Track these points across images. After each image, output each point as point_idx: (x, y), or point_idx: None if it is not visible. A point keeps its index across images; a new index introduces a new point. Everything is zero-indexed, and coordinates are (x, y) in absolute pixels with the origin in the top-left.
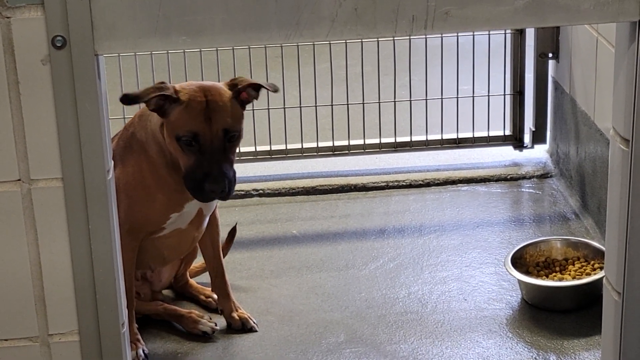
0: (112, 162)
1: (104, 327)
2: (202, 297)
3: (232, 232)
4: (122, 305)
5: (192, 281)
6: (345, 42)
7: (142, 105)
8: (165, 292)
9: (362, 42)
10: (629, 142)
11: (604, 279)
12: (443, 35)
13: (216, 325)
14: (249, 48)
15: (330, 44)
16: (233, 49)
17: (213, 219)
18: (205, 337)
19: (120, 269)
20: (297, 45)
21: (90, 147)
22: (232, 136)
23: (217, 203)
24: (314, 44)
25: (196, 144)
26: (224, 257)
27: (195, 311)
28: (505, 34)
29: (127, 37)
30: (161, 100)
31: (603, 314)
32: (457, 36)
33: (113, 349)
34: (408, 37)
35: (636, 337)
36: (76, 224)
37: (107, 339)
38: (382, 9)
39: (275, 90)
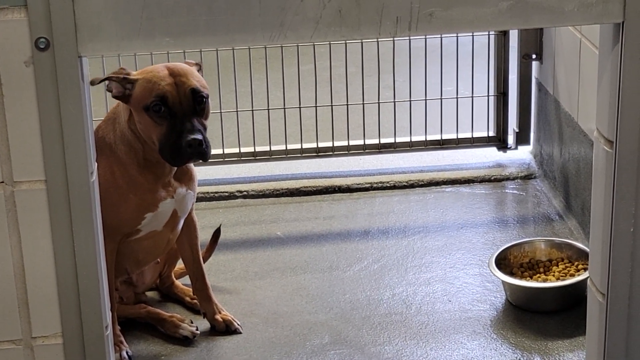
0: (96, 164)
1: (87, 330)
2: (188, 298)
3: (217, 234)
4: (106, 307)
5: (178, 283)
6: (329, 44)
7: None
8: (152, 294)
9: (346, 43)
10: (613, 143)
11: (588, 280)
12: (427, 36)
13: (197, 329)
14: (233, 50)
15: (314, 45)
16: (217, 50)
17: (190, 221)
18: (188, 341)
19: (104, 271)
20: (281, 47)
21: (74, 149)
22: (201, 98)
23: (193, 204)
24: (297, 46)
25: (165, 108)
26: (208, 258)
27: (177, 315)
28: (488, 35)
29: (111, 38)
30: (121, 87)
31: (587, 315)
32: (441, 37)
33: (96, 352)
34: (392, 39)
35: (620, 338)
36: (59, 226)
37: (91, 341)
38: (366, 10)
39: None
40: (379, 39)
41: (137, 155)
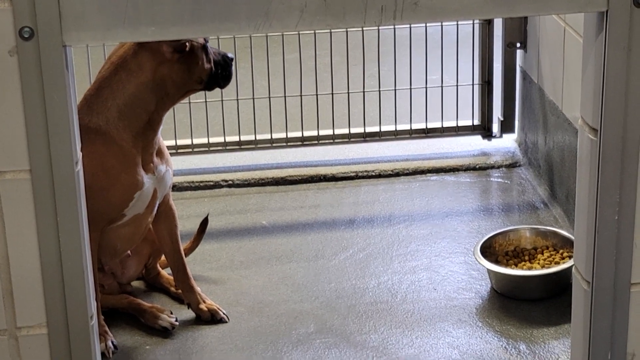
0: (81, 153)
1: (72, 320)
2: (173, 289)
3: (204, 224)
4: (91, 297)
5: (164, 273)
6: (314, 33)
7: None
8: (138, 283)
9: (330, 32)
10: (597, 131)
11: (573, 268)
12: (412, 25)
13: (176, 320)
14: (218, 38)
15: (299, 34)
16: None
17: (169, 211)
18: (168, 332)
19: (89, 261)
20: (266, 36)
21: (59, 139)
22: None
23: (170, 189)
24: (282, 35)
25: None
26: (195, 248)
27: (156, 305)
28: (473, 24)
29: (96, 28)
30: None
31: (572, 302)
32: (426, 26)
33: (82, 342)
34: (377, 28)
35: (605, 326)
36: (44, 216)
37: (76, 331)
38: None
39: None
40: (364, 28)
41: (136, 124)
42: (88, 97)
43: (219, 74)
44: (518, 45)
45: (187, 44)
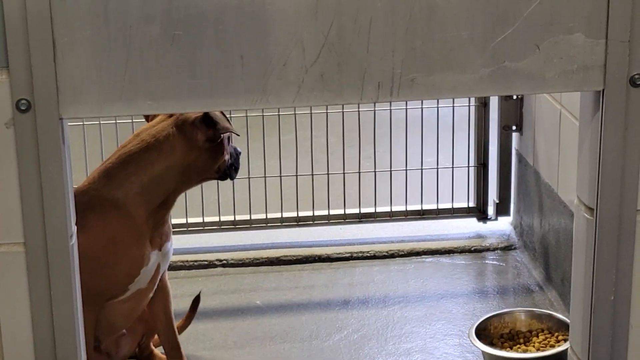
0: (76, 227)
1: None
2: None
3: (196, 301)
4: None
5: (157, 351)
6: (311, 113)
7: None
8: None
9: (327, 113)
10: (594, 210)
11: (569, 349)
12: (408, 107)
13: None
14: None
15: (295, 114)
16: None
17: (164, 287)
18: None
19: (82, 337)
20: (262, 116)
21: (54, 212)
22: None
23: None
24: (279, 115)
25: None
26: (187, 326)
27: None
28: (469, 105)
29: (93, 101)
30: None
31: None
32: (422, 109)
33: None
34: (373, 106)
35: None
36: (38, 289)
37: None
38: (348, 75)
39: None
40: (360, 109)
41: (153, 202)
42: (109, 169)
43: (232, 166)
44: (514, 127)
45: (221, 135)
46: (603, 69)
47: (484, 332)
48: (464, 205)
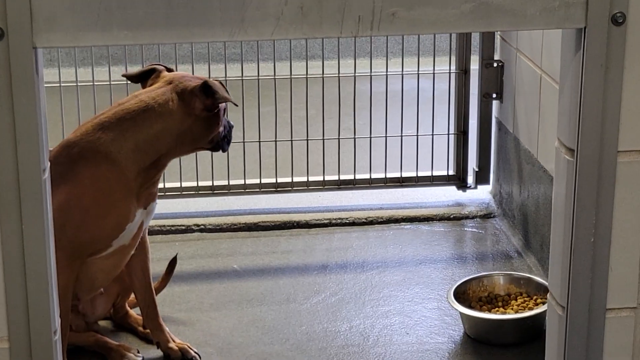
0: (49, 165)
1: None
2: (141, 328)
3: (172, 263)
4: (56, 323)
5: (132, 312)
6: (291, 84)
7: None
8: (106, 323)
9: (307, 85)
10: (574, 152)
11: (548, 294)
12: (388, 78)
13: (143, 359)
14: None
15: (275, 86)
16: None
17: (144, 244)
18: None
19: (54, 285)
20: (242, 87)
21: (27, 145)
22: None
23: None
24: (258, 86)
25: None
26: (162, 288)
27: (123, 344)
28: (449, 72)
29: (67, 29)
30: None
31: (547, 330)
32: (402, 81)
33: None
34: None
35: (580, 351)
36: (9, 225)
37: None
38: (327, 8)
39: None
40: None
41: (145, 161)
42: (104, 122)
43: (225, 138)
44: (494, 95)
45: (218, 105)
46: (585, 6)
47: (462, 296)
48: (444, 173)
